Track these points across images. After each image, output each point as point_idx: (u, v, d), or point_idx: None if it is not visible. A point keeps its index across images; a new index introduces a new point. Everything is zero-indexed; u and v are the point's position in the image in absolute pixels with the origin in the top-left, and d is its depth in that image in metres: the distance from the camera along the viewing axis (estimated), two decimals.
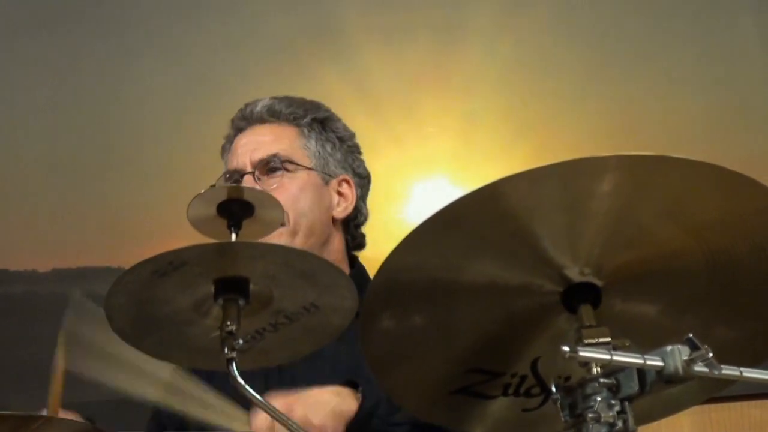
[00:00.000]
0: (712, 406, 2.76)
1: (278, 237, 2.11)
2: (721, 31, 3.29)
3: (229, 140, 2.29)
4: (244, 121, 2.26)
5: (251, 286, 1.51)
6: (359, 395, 1.94)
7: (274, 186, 2.17)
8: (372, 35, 3.31)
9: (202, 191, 1.56)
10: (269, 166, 2.19)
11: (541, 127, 3.27)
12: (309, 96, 2.47)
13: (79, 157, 3.27)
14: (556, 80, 3.28)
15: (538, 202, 1.42)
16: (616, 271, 1.49)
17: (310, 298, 1.52)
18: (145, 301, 1.48)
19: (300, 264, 1.48)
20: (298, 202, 2.16)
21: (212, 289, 1.50)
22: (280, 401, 1.80)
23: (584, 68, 3.27)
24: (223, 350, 1.48)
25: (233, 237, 1.55)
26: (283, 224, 2.13)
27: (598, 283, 1.49)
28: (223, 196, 1.56)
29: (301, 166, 2.20)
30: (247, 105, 2.29)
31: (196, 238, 1.57)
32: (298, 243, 2.14)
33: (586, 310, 1.48)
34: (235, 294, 1.49)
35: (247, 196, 1.57)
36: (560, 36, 3.29)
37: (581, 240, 1.46)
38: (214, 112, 3.24)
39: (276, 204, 1.59)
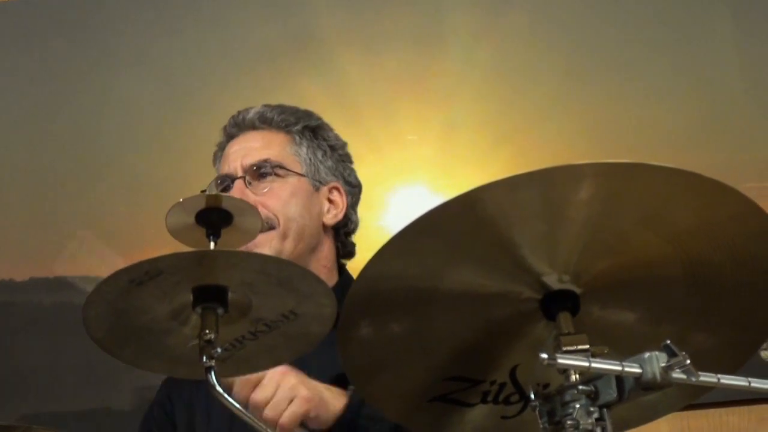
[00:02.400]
0: (690, 413, 2.77)
1: (269, 240, 2.12)
2: (699, 39, 3.30)
3: (221, 147, 2.30)
4: (236, 127, 2.27)
5: (230, 295, 1.50)
6: (348, 394, 1.94)
7: (265, 190, 2.18)
8: (351, 43, 3.31)
9: (181, 200, 1.56)
10: (260, 172, 2.20)
11: (520, 135, 3.28)
12: (289, 103, 2.47)
13: (59, 166, 3.26)
14: (535, 88, 3.29)
15: (517, 209, 1.43)
16: (595, 278, 1.49)
17: (289, 306, 1.52)
18: (122, 311, 1.48)
19: (277, 272, 1.48)
20: (288, 206, 2.17)
21: (190, 297, 1.50)
22: (274, 371, 1.83)
23: (563, 76, 3.28)
24: (202, 359, 1.48)
25: (212, 245, 1.55)
26: (273, 228, 2.14)
27: (577, 290, 1.50)
28: (201, 205, 1.56)
29: (292, 171, 2.21)
30: (239, 112, 2.29)
31: (179, 248, 1.57)
32: (287, 247, 2.15)
33: (564, 318, 1.49)
34: (213, 302, 1.49)
35: (225, 205, 1.56)
36: (539, 44, 3.30)
37: (560, 247, 1.47)
38: (195, 121, 3.24)
39: (254, 212, 1.59)
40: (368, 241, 2.33)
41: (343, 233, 2.25)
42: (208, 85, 3.30)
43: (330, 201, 2.24)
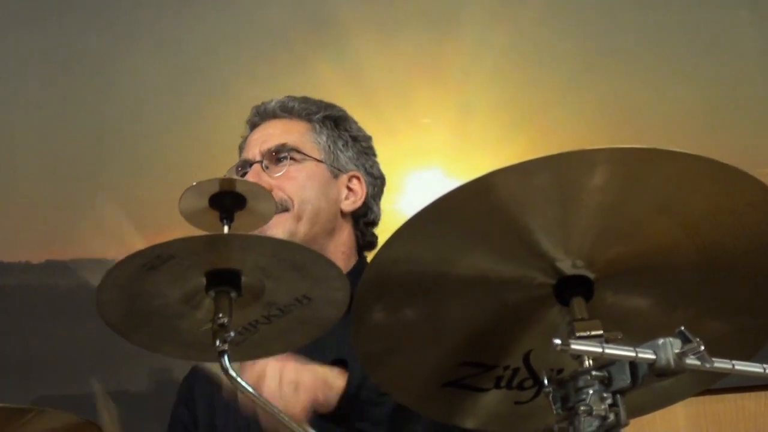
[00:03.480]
0: (707, 398, 2.76)
1: (283, 222, 2.13)
2: (717, 24, 3.28)
3: (244, 138, 2.32)
4: (258, 117, 2.30)
5: (243, 279, 1.50)
6: (347, 373, 1.94)
7: (280, 173, 2.18)
8: (366, 26, 3.30)
9: (194, 183, 1.56)
10: (277, 156, 2.22)
11: (536, 119, 3.27)
12: (304, 87, 2.47)
13: (74, 150, 3.26)
14: (552, 71, 3.27)
15: (530, 195, 1.42)
16: (609, 264, 1.48)
17: (302, 290, 1.51)
18: (135, 295, 1.48)
19: (291, 256, 1.48)
20: (303, 189, 2.18)
21: (204, 281, 1.50)
22: (274, 362, 1.82)
23: (580, 59, 3.27)
24: (215, 342, 1.48)
25: (225, 229, 1.55)
26: (287, 210, 2.15)
27: (591, 276, 1.49)
28: (215, 189, 1.56)
29: (309, 156, 2.21)
30: (262, 103, 2.32)
31: (192, 232, 1.57)
32: (302, 229, 2.15)
33: (578, 303, 1.48)
34: (226, 286, 1.49)
35: (239, 189, 1.56)
36: (555, 26, 3.29)
37: (573, 233, 1.46)
38: (209, 104, 3.25)
39: (268, 196, 1.59)
40: (384, 225, 2.33)
41: (362, 222, 2.25)
42: (224, 69, 3.30)
43: (349, 189, 2.24)
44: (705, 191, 1.42)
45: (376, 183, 2.28)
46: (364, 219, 2.25)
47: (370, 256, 2.28)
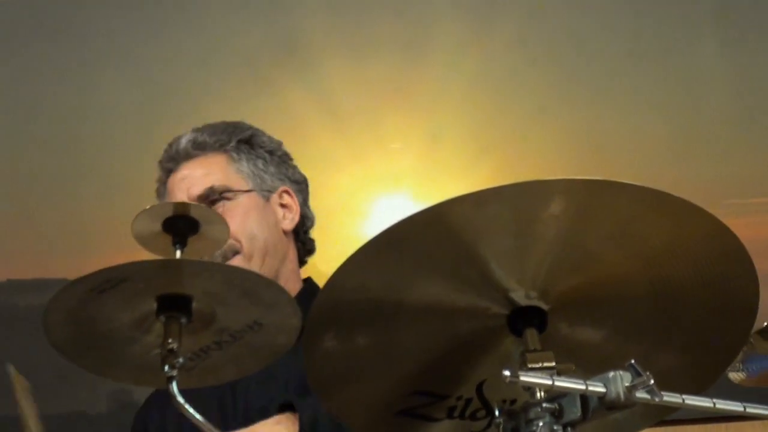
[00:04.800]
0: (660, 430, 2.75)
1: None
2: (685, 55, 3.30)
3: (162, 182, 2.26)
4: (172, 161, 2.23)
5: (194, 304, 1.49)
6: (297, 416, 1.93)
7: None
8: (336, 51, 3.30)
9: (148, 207, 1.55)
10: (209, 200, 2.17)
11: (505, 146, 3.28)
12: (273, 110, 2.46)
13: (38, 168, 3.24)
14: (520, 99, 3.29)
15: (484, 224, 1.41)
16: (563, 295, 1.48)
17: (254, 317, 1.50)
18: (84, 319, 1.46)
19: (241, 282, 1.47)
20: (245, 226, 2.15)
21: (155, 305, 1.49)
22: None
23: (548, 87, 3.28)
24: (164, 368, 1.46)
25: (178, 254, 1.53)
26: (237, 252, 2.12)
27: (544, 306, 1.49)
28: (168, 212, 1.54)
29: (239, 191, 2.18)
30: (170, 144, 2.25)
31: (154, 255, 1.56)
32: (255, 266, 2.13)
33: (531, 334, 1.47)
34: (177, 312, 1.48)
35: (193, 213, 1.55)
36: (524, 55, 3.30)
37: (528, 263, 1.46)
38: (178, 125, 3.22)
39: (222, 221, 1.58)
40: (350, 250, 2.32)
41: (302, 232, 2.24)
42: (194, 90, 3.29)
43: (283, 206, 2.22)
44: (658, 224, 1.42)
45: (302, 188, 2.27)
46: (302, 229, 2.24)
47: (317, 274, 2.26)
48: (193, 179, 2.20)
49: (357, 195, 3.24)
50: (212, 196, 2.17)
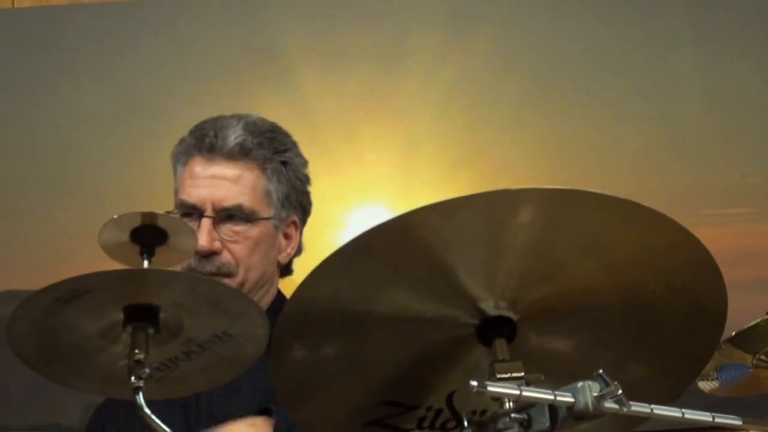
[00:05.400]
0: None
1: None
2: (658, 67, 3.31)
3: (188, 154, 2.16)
4: (209, 150, 2.14)
5: (161, 314, 1.48)
6: (273, 421, 1.91)
7: (233, 236, 2.11)
8: (312, 61, 3.30)
9: (115, 216, 1.53)
10: (228, 214, 2.11)
11: (480, 156, 3.28)
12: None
13: (14, 177, 3.22)
14: (496, 110, 3.29)
15: (453, 234, 1.41)
16: (532, 305, 1.48)
17: (221, 327, 1.49)
18: (50, 329, 1.45)
19: (208, 292, 1.46)
20: (250, 258, 2.11)
21: (121, 316, 1.47)
22: None
23: (523, 98, 3.28)
24: (130, 379, 1.45)
25: (145, 264, 1.52)
26: (230, 274, 2.10)
27: (513, 317, 1.48)
28: (136, 222, 1.53)
29: (261, 218, 2.14)
30: (216, 131, 2.14)
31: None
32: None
33: (500, 344, 1.47)
34: (144, 322, 1.47)
35: (161, 223, 1.54)
36: (500, 66, 3.30)
37: (497, 273, 1.45)
38: (149, 135, 3.22)
39: (191, 232, 1.57)
40: None
41: (290, 261, 2.23)
42: (166, 99, 3.28)
43: (286, 236, 2.19)
44: (627, 233, 1.42)
45: (306, 215, 2.24)
46: (292, 258, 2.23)
47: (288, 284, 2.25)
48: (224, 188, 2.12)
49: (332, 205, 3.23)
50: (236, 215, 2.12)
